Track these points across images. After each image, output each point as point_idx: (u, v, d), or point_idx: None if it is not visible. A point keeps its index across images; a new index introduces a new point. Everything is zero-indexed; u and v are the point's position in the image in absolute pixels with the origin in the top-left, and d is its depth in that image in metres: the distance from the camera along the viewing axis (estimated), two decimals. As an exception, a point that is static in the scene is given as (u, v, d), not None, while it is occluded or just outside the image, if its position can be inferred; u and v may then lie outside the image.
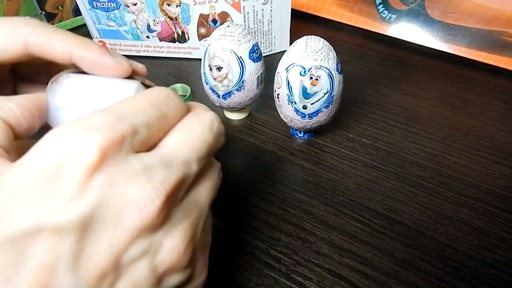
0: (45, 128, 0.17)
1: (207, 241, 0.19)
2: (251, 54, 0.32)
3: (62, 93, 0.18)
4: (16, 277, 0.12)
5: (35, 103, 0.17)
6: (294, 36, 0.38)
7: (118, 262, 0.13)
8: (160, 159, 0.14)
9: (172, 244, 0.14)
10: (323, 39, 0.29)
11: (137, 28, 0.44)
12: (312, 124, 0.32)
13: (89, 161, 0.12)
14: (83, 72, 0.20)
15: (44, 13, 0.49)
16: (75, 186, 0.12)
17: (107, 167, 0.13)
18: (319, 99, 0.30)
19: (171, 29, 0.44)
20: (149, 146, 0.15)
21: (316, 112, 0.31)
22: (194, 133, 0.16)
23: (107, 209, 0.13)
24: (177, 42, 0.45)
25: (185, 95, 0.39)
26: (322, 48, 0.28)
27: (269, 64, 0.39)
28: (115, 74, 0.20)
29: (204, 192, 0.17)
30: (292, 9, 0.44)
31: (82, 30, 0.52)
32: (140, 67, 0.21)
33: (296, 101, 0.30)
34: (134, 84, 0.19)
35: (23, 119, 0.16)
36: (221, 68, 0.32)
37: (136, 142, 0.14)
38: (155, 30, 0.44)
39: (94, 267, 0.13)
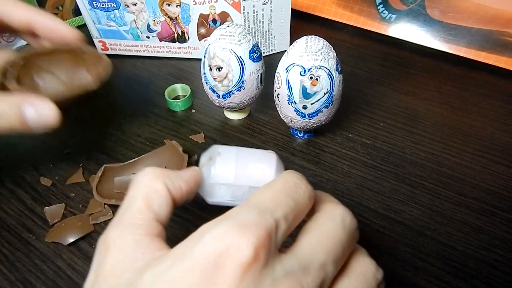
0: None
1: None
2: (251, 54, 0.32)
3: (216, 171, 0.21)
4: None
5: (196, 179, 0.21)
6: (294, 36, 0.38)
7: None
8: (299, 264, 0.15)
9: None
10: (323, 39, 0.29)
11: (137, 28, 0.44)
12: (312, 124, 0.32)
13: (244, 260, 0.13)
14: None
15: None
16: (230, 285, 0.13)
17: (256, 268, 0.14)
18: (319, 99, 0.30)
19: (171, 29, 0.44)
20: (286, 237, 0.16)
21: (316, 112, 0.31)
22: (327, 233, 0.17)
23: None
24: (177, 42, 0.45)
25: (185, 95, 0.39)
26: (322, 48, 0.28)
27: (269, 64, 0.39)
28: (67, 38, 0.28)
29: None
30: (292, 9, 0.44)
31: (82, 30, 0.52)
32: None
33: (296, 101, 0.30)
34: (272, 159, 0.22)
35: (185, 195, 0.20)
36: (221, 68, 0.32)
37: (278, 237, 0.15)
38: (155, 30, 0.44)
39: None
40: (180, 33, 0.44)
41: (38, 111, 0.25)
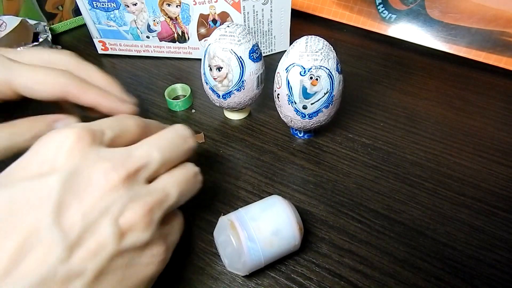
0: None
1: (171, 233, 0.22)
2: (251, 54, 0.32)
3: (248, 266, 0.23)
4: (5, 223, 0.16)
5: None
6: (294, 36, 0.38)
7: (89, 215, 0.17)
8: (126, 151, 0.20)
9: (132, 207, 0.18)
10: (323, 39, 0.29)
11: (137, 28, 0.44)
12: (312, 124, 0.32)
13: (73, 139, 0.19)
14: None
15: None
16: (67, 154, 0.18)
17: (82, 145, 0.19)
18: (319, 99, 0.30)
19: (171, 29, 0.44)
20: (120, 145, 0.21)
21: (316, 112, 0.31)
22: (160, 135, 0.22)
23: (81, 174, 0.18)
24: (177, 42, 0.45)
25: (185, 95, 0.39)
26: (322, 48, 0.28)
27: (269, 64, 0.39)
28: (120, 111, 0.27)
29: (171, 183, 0.21)
30: (292, 9, 0.44)
31: (82, 30, 0.52)
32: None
33: (296, 101, 0.30)
34: (288, 219, 0.24)
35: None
36: (221, 68, 0.32)
37: (105, 139, 0.20)
38: (155, 30, 0.44)
39: (72, 215, 0.17)
40: (180, 33, 0.44)
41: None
